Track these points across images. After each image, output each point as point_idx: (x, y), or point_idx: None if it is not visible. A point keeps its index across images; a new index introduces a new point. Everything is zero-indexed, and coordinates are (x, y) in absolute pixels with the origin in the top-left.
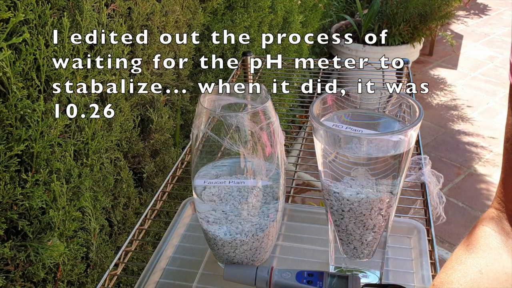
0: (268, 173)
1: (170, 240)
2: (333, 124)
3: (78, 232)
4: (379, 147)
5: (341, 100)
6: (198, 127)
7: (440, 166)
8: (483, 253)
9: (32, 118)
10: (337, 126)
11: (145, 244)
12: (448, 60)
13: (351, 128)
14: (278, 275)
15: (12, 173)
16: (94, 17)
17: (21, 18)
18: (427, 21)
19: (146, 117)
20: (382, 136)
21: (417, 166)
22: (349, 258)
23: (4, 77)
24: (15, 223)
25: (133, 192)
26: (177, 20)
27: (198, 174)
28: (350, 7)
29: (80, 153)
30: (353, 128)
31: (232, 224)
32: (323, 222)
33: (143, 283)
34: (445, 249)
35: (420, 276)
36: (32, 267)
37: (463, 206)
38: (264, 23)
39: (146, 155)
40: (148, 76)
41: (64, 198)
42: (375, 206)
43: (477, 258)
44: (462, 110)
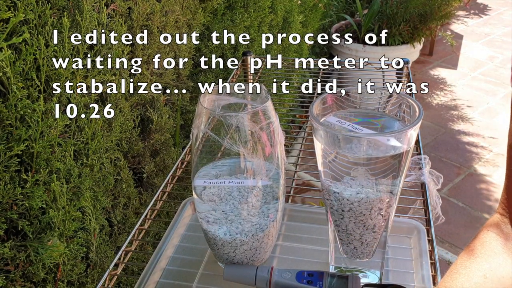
0: (268, 173)
1: (170, 240)
2: (337, 120)
3: (78, 232)
4: (379, 147)
5: (341, 100)
6: (198, 127)
7: (440, 166)
8: (487, 257)
9: (32, 118)
10: (341, 123)
11: (145, 244)
12: (448, 60)
13: (352, 126)
14: (278, 275)
15: (12, 173)
16: (94, 17)
17: (21, 18)
18: (427, 21)
19: (146, 117)
20: (382, 136)
21: (417, 166)
22: (349, 258)
23: (4, 77)
24: (15, 223)
25: (133, 192)
26: (177, 20)
27: (198, 174)
28: (350, 7)
29: (80, 153)
30: (354, 126)
31: (232, 224)
32: (323, 222)
33: (143, 283)
34: (445, 249)
35: (420, 276)
36: (32, 267)
37: (463, 206)
38: (264, 23)
39: (146, 155)
40: (148, 76)
41: (64, 198)
42: (375, 206)
43: (481, 262)
44: (462, 110)
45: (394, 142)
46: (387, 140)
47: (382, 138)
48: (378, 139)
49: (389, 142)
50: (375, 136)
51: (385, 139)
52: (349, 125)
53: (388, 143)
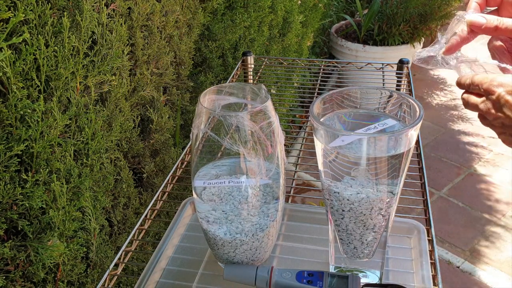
0: (268, 172)
1: (170, 240)
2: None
3: (78, 232)
4: (379, 147)
5: (341, 100)
6: (198, 127)
7: (440, 166)
8: None
9: (32, 118)
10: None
11: (145, 244)
12: None
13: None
14: (278, 275)
15: (12, 173)
16: (94, 17)
17: (21, 18)
18: (427, 21)
19: (146, 117)
20: (382, 136)
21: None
22: (349, 258)
23: (4, 77)
24: (15, 223)
25: (133, 192)
26: (177, 20)
27: (198, 174)
28: (350, 7)
29: (80, 153)
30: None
31: (232, 224)
32: (323, 222)
33: (143, 283)
34: (445, 249)
35: (420, 276)
36: (32, 267)
37: (463, 206)
38: (264, 23)
39: (146, 155)
40: (148, 76)
41: (64, 198)
42: (375, 206)
43: None
44: (462, 110)
45: (395, 142)
46: (388, 140)
47: (383, 138)
48: (378, 139)
49: (390, 143)
50: (375, 136)
51: (386, 139)
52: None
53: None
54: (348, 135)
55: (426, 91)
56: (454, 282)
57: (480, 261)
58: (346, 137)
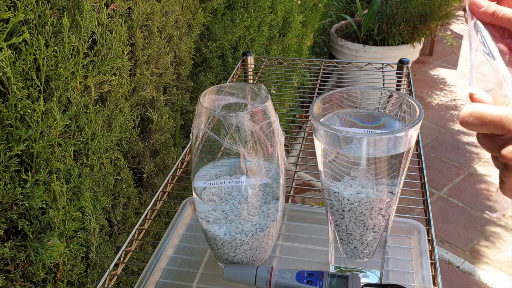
0: (268, 172)
1: (170, 240)
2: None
3: (78, 232)
4: (379, 147)
5: (341, 100)
6: (198, 127)
7: (440, 166)
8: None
9: (32, 118)
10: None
11: (145, 244)
12: (448, 60)
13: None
14: (278, 275)
15: (12, 173)
16: (94, 17)
17: (21, 18)
18: (427, 21)
19: (146, 117)
20: (382, 136)
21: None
22: (349, 258)
23: (4, 77)
24: (15, 223)
25: (133, 192)
26: (177, 20)
27: (198, 174)
28: (350, 7)
29: (80, 153)
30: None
31: (232, 224)
32: (323, 222)
33: (143, 283)
34: (445, 249)
35: (420, 276)
36: (32, 267)
37: (463, 206)
38: (264, 23)
39: (146, 155)
40: (148, 76)
41: (64, 198)
42: (375, 206)
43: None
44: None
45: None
46: (388, 140)
47: (383, 138)
48: (378, 139)
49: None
50: (375, 136)
51: (386, 139)
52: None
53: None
54: (348, 135)
55: (426, 91)
56: (454, 282)
57: (480, 261)
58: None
